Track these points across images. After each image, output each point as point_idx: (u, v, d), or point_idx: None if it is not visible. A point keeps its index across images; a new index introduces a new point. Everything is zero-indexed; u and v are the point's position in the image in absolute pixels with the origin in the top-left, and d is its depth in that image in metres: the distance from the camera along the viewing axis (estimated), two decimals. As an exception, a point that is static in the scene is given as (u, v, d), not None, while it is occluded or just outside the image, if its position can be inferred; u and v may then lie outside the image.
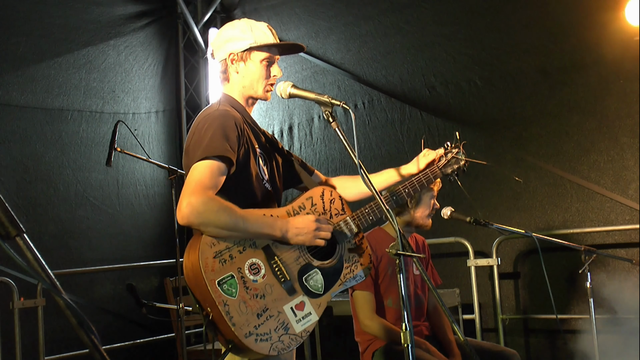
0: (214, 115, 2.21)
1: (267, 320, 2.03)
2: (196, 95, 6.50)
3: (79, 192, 5.38)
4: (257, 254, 2.10)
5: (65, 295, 1.13)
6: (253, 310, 2.02)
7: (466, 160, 2.57)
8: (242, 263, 2.06)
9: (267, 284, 2.08)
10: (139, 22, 5.93)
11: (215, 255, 2.02)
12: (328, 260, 2.26)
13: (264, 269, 2.09)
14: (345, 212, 2.36)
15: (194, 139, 2.18)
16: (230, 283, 2.01)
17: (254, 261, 2.08)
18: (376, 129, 5.58)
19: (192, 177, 2.06)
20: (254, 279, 2.06)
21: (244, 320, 1.99)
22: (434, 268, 3.62)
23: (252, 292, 2.04)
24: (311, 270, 2.20)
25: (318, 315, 2.16)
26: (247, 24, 2.34)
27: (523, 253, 5.01)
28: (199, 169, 2.06)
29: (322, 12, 5.80)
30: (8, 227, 1.15)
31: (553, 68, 4.84)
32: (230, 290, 2.00)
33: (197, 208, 1.98)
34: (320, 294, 2.19)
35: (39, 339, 4.24)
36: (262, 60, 2.31)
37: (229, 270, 2.03)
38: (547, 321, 4.87)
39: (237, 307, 1.99)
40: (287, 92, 2.26)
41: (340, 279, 2.25)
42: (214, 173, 2.06)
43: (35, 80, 5.16)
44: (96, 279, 5.42)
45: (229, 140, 2.12)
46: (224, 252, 2.03)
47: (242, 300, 2.01)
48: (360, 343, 3.34)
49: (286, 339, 2.05)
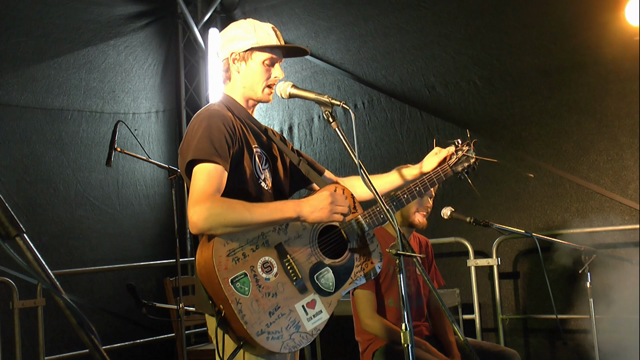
0: (203, 116, 2.23)
1: (279, 319, 2.04)
2: (196, 95, 6.50)
3: (79, 192, 5.38)
4: (270, 252, 2.10)
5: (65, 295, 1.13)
6: (265, 309, 2.02)
7: (476, 158, 2.58)
8: (255, 261, 2.06)
9: (279, 282, 2.09)
10: (139, 22, 5.93)
11: (229, 253, 2.02)
12: (339, 258, 2.26)
13: (276, 268, 2.10)
14: (356, 210, 2.36)
15: (185, 140, 2.21)
16: (243, 281, 2.01)
17: (267, 259, 2.09)
18: (376, 129, 5.58)
19: (193, 186, 2.07)
20: (267, 277, 2.07)
21: (255, 318, 1.99)
22: (437, 269, 3.62)
23: (265, 291, 2.05)
24: (323, 268, 2.20)
25: (329, 314, 2.16)
26: (251, 24, 2.34)
27: (523, 253, 5.01)
28: (197, 176, 2.07)
29: (322, 12, 5.80)
30: (8, 227, 1.15)
31: (553, 68, 4.84)
32: (243, 288, 2.01)
33: (202, 215, 1.98)
34: (331, 292, 2.19)
35: (39, 339, 4.24)
36: (263, 61, 2.31)
37: (242, 269, 2.03)
38: (547, 321, 4.87)
39: (249, 305, 2.00)
40: (287, 92, 2.26)
41: (351, 277, 2.26)
42: (212, 176, 2.07)
43: (36, 80, 5.16)
44: (96, 279, 5.42)
45: (215, 142, 2.12)
46: (237, 251, 2.04)
47: (254, 298, 2.01)
48: (361, 342, 3.34)
49: (297, 337, 2.06)
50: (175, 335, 4.47)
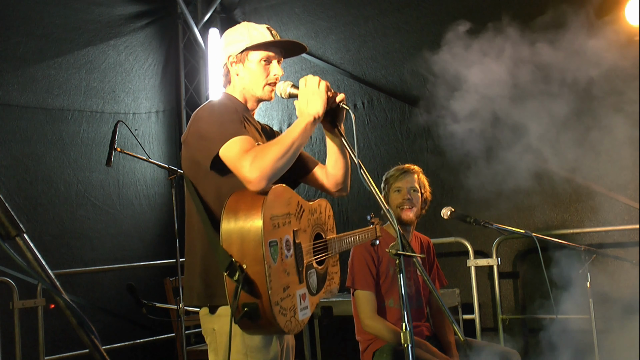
0: (211, 106, 2.27)
1: (287, 298, 2.03)
2: (196, 95, 6.50)
3: (79, 192, 5.39)
4: (290, 232, 2.11)
5: (65, 295, 1.13)
6: (281, 283, 2.02)
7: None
8: (282, 235, 2.06)
9: (291, 264, 2.09)
10: (139, 22, 5.93)
11: (272, 217, 2.01)
12: (321, 266, 2.31)
13: (292, 250, 2.11)
14: (333, 231, 2.44)
15: (198, 131, 2.21)
16: (275, 248, 2.00)
17: (288, 238, 2.09)
18: (375, 129, 5.58)
19: (230, 157, 2.09)
20: (287, 255, 2.07)
21: (276, 287, 1.98)
22: (439, 269, 3.62)
23: (284, 267, 2.04)
24: (311, 269, 2.23)
25: (311, 312, 2.18)
26: (245, 27, 2.36)
27: (523, 253, 5.01)
28: (230, 150, 2.09)
29: (321, 12, 5.80)
30: (8, 227, 1.15)
31: (552, 68, 4.84)
32: (274, 255, 2.00)
33: (253, 169, 2.02)
34: (314, 293, 2.22)
35: (39, 339, 4.25)
36: (260, 60, 2.31)
37: (276, 236, 2.02)
38: (547, 321, 4.86)
39: (276, 274, 1.98)
40: (286, 92, 2.26)
41: (324, 287, 2.31)
42: (243, 141, 2.10)
43: (36, 80, 5.17)
44: (97, 278, 5.42)
45: (235, 121, 2.17)
46: (276, 218, 2.03)
47: (278, 269, 2.01)
48: (361, 342, 3.35)
49: (294, 322, 2.06)
50: (175, 335, 4.47)
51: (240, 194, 2.06)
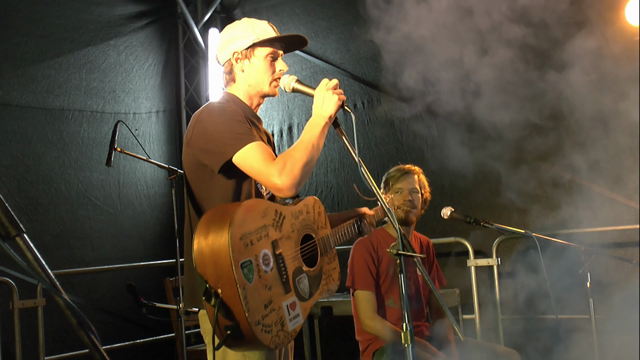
0: (216, 109, 2.22)
1: (271, 313, 2.01)
2: (196, 95, 6.50)
3: (80, 192, 5.39)
4: (268, 246, 2.07)
5: (65, 295, 1.13)
6: (262, 300, 1.99)
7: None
8: (258, 251, 2.03)
9: (273, 277, 2.06)
10: (139, 22, 5.93)
11: (242, 237, 1.98)
12: (313, 268, 2.27)
13: (272, 262, 2.07)
14: (327, 227, 2.41)
15: (204, 130, 2.18)
16: (249, 268, 1.98)
17: (266, 252, 2.06)
18: (376, 129, 5.58)
19: (253, 164, 2.09)
20: (266, 270, 2.04)
21: (255, 307, 1.95)
22: (439, 269, 3.62)
23: (263, 282, 2.01)
24: (301, 274, 2.20)
25: (304, 319, 2.16)
26: (248, 23, 2.34)
27: (523, 253, 5.00)
28: (250, 157, 2.09)
29: (322, 12, 5.80)
30: (8, 227, 1.15)
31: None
32: (249, 275, 1.97)
33: (284, 176, 2.04)
34: (306, 298, 2.19)
35: (39, 339, 4.25)
36: (266, 55, 2.31)
37: (249, 255, 1.99)
38: (547, 321, 4.86)
39: (253, 293, 1.96)
40: (290, 86, 2.27)
41: (319, 289, 2.28)
42: (262, 148, 2.11)
43: (36, 80, 5.17)
44: (97, 278, 5.42)
45: (244, 124, 2.16)
46: (247, 236, 2.00)
47: (256, 287, 1.98)
48: (361, 342, 3.34)
49: (282, 335, 2.04)
50: (175, 335, 4.47)
51: (213, 213, 2.05)
